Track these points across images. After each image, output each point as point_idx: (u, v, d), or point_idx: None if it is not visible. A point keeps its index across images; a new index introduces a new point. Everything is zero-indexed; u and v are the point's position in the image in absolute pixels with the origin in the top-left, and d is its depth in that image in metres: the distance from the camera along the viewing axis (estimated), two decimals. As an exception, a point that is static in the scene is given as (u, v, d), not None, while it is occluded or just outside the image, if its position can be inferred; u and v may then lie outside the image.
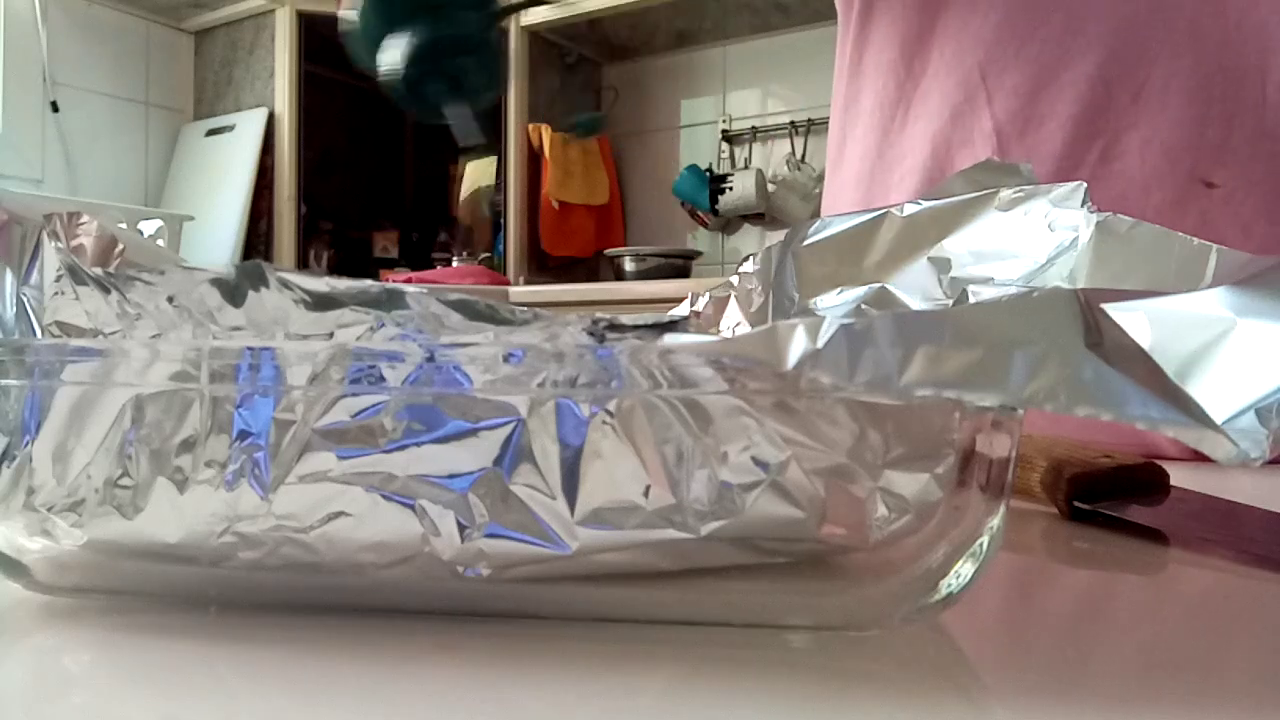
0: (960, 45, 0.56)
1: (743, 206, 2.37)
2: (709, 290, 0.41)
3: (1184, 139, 0.50)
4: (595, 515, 0.19)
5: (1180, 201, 0.50)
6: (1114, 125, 0.51)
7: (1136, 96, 0.51)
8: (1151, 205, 0.50)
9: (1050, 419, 0.48)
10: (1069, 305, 0.16)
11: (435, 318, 0.32)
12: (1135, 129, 0.51)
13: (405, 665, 0.19)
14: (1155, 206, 0.50)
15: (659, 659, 0.19)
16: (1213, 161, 0.50)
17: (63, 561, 0.22)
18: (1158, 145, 0.50)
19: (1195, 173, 0.50)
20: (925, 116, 0.58)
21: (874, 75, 0.61)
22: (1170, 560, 0.29)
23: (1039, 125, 0.53)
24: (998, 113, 0.54)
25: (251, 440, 0.20)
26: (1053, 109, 0.53)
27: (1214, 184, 0.49)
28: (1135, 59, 0.51)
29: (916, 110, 0.58)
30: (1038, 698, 0.18)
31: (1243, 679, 0.20)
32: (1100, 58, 0.51)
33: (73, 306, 0.28)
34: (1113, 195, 0.51)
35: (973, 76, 0.55)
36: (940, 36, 0.57)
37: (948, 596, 0.20)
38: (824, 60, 2.59)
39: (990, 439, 0.20)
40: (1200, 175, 0.50)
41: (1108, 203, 0.27)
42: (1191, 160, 0.50)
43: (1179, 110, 0.50)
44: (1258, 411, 0.15)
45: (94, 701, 0.18)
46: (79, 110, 2.26)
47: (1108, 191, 0.51)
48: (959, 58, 0.56)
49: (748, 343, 0.18)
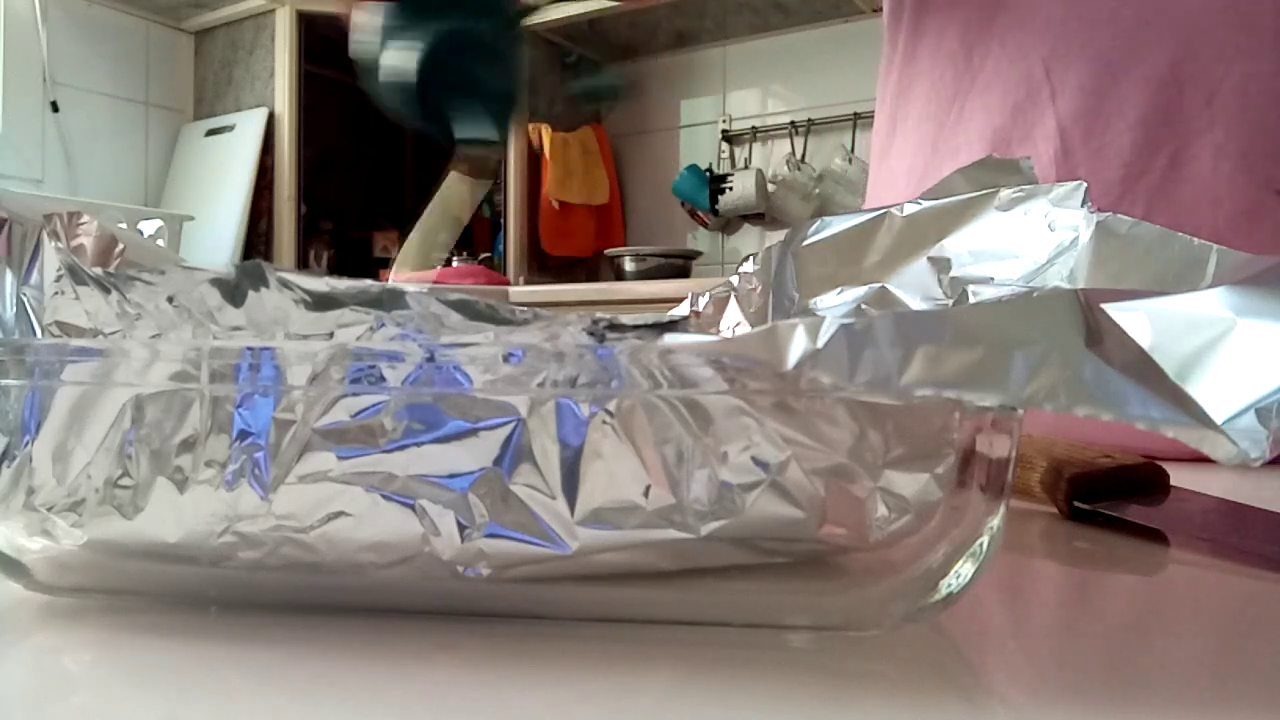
0: (1023, 36, 0.53)
1: (743, 206, 2.37)
2: (709, 290, 0.41)
3: (1261, 147, 0.47)
4: (595, 515, 0.19)
5: (1252, 212, 0.47)
6: (1186, 129, 0.49)
7: (1211, 99, 0.48)
8: (1223, 215, 0.48)
9: (1052, 419, 0.48)
10: (1069, 305, 0.16)
11: (435, 318, 0.32)
12: (1209, 134, 0.48)
13: (405, 665, 0.19)
14: (1226, 217, 0.48)
15: (659, 659, 0.19)
16: None
17: (63, 561, 0.22)
18: (1232, 152, 0.48)
19: (1271, 183, 0.47)
20: (984, 110, 0.55)
21: (930, 65, 0.59)
22: (1170, 560, 0.29)
23: (1105, 126, 0.50)
24: (1061, 111, 0.52)
25: (251, 440, 0.20)
26: (1120, 109, 0.50)
27: None
28: (1211, 58, 0.48)
29: (975, 104, 0.56)
30: (1037, 698, 0.18)
31: (1243, 679, 0.20)
32: (1173, 55, 0.49)
33: (73, 306, 0.28)
34: (1181, 204, 0.48)
35: (1036, 71, 0.52)
36: (1002, 26, 0.54)
37: (948, 596, 0.20)
38: (824, 60, 2.58)
39: (990, 439, 0.20)
40: (1276, 186, 0.47)
41: (1175, 211, 0.25)
42: (1268, 170, 0.47)
43: (1257, 115, 0.47)
44: (1258, 411, 0.15)
45: (94, 701, 0.18)
46: (79, 110, 2.26)
47: (1176, 200, 0.48)
48: (1022, 50, 0.53)
49: (748, 343, 0.18)
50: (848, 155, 2.27)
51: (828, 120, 2.31)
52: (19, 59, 2.12)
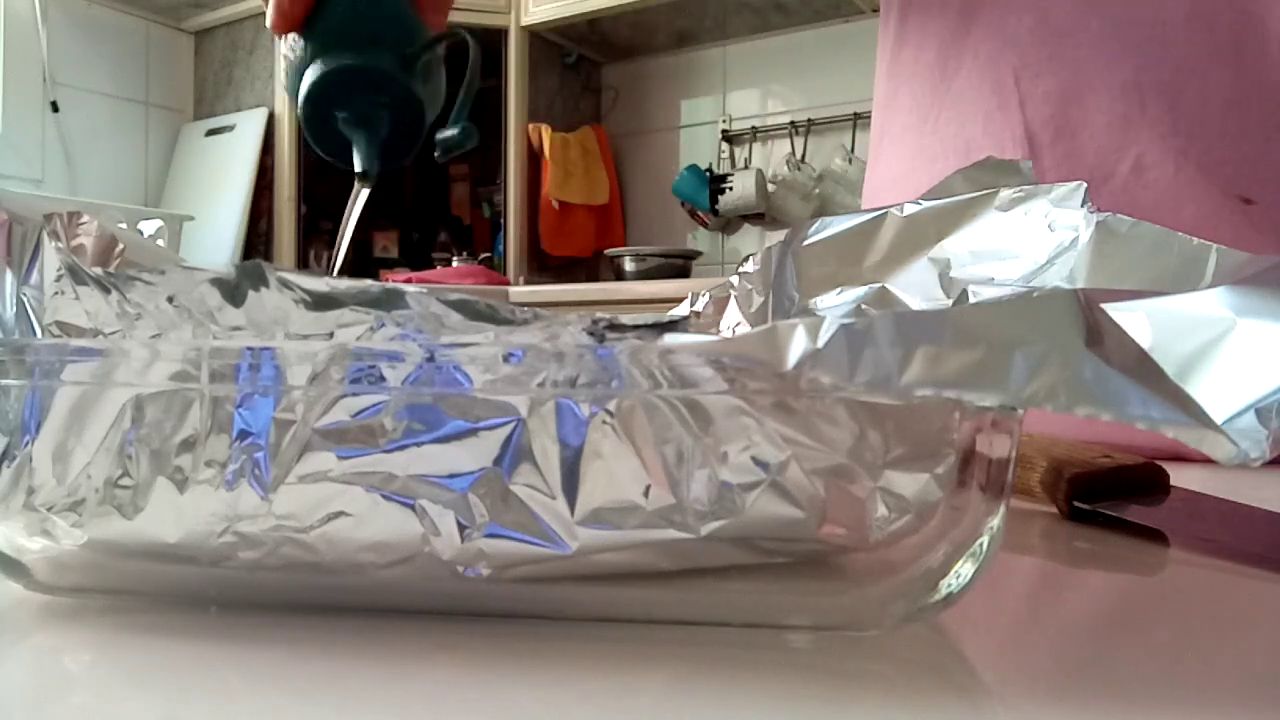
0: (995, 48, 0.55)
1: (743, 206, 2.37)
2: (709, 290, 0.41)
3: (1220, 153, 0.49)
4: (595, 515, 0.19)
5: (1214, 217, 0.49)
6: (1148, 135, 0.50)
7: (1173, 106, 0.49)
8: (1185, 220, 0.48)
9: (1053, 420, 0.48)
10: (1069, 305, 0.16)
11: (435, 318, 0.32)
12: (1171, 139, 0.49)
13: (405, 665, 0.19)
14: (1188, 222, 0.48)
15: (659, 659, 0.19)
16: (1249, 178, 0.48)
17: (63, 561, 0.22)
18: (1193, 158, 0.49)
19: (1231, 188, 0.48)
20: (958, 120, 0.57)
21: (911, 74, 0.60)
22: (1170, 560, 0.29)
23: (1072, 133, 0.52)
24: (1030, 118, 0.53)
25: (251, 440, 0.20)
26: (1086, 117, 0.51)
27: (1251, 200, 0.48)
28: (1173, 66, 0.49)
29: (950, 112, 0.58)
30: (1037, 698, 0.18)
31: (1243, 679, 0.20)
32: (1137, 63, 0.50)
33: (73, 306, 0.28)
34: (1144, 208, 0.48)
35: (1006, 80, 0.54)
36: (975, 38, 0.56)
37: (948, 596, 0.20)
38: (824, 60, 2.58)
39: (990, 439, 0.20)
40: (1236, 191, 0.48)
41: (1139, 216, 0.26)
42: (1227, 175, 0.48)
43: (1217, 122, 0.48)
44: (1258, 411, 0.15)
45: (94, 701, 0.18)
46: (79, 110, 2.26)
47: (1140, 205, 0.49)
48: (993, 61, 0.55)
49: (748, 343, 0.18)
50: (848, 155, 2.27)
51: (828, 120, 2.32)
52: (19, 59, 2.12)
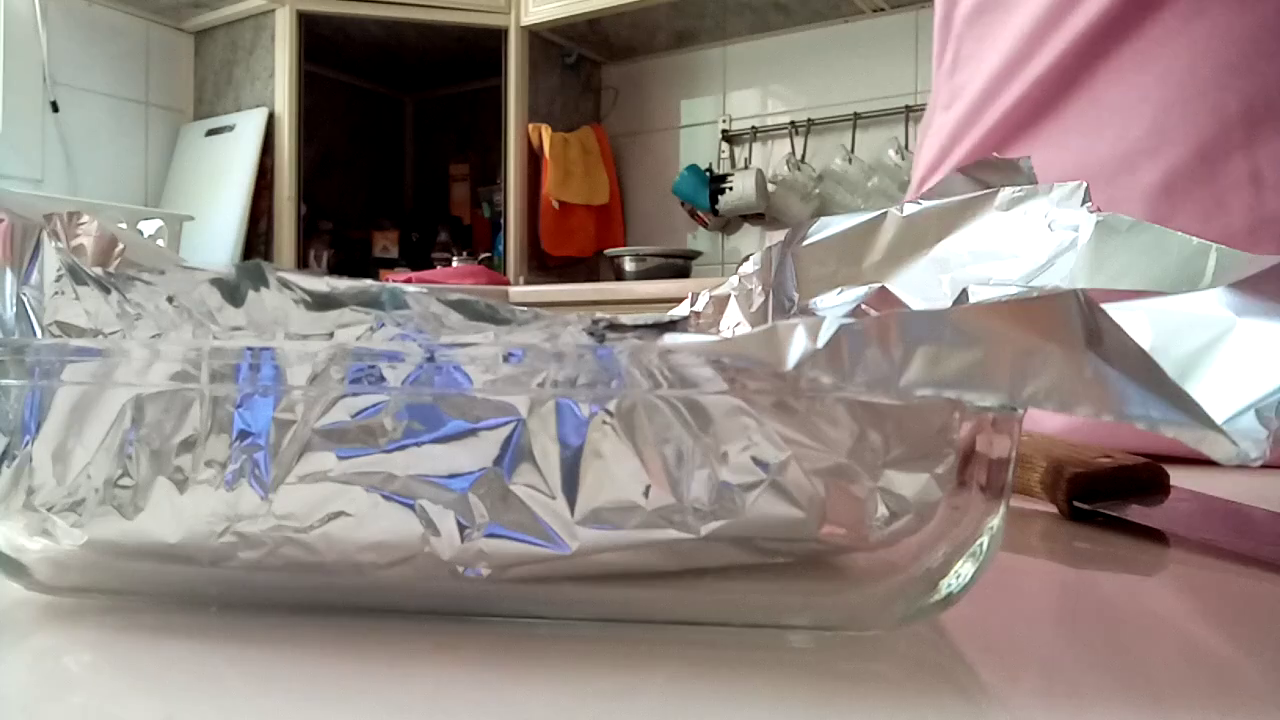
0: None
1: (743, 206, 2.37)
2: (709, 290, 0.41)
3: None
4: (595, 515, 0.19)
5: None
6: None
7: None
8: None
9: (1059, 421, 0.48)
10: (1069, 305, 0.16)
11: (435, 318, 0.32)
12: None
13: (405, 665, 0.19)
14: None
15: (659, 659, 0.19)
16: None
17: (63, 561, 0.22)
18: None
19: None
20: None
21: None
22: (1170, 560, 0.29)
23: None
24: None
25: (251, 440, 0.20)
26: None
27: None
28: None
29: None
30: (1037, 698, 0.18)
31: (1243, 679, 0.20)
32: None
33: (73, 306, 0.28)
34: None
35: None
36: None
37: (948, 596, 0.20)
38: (824, 60, 2.58)
39: (990, 439, 0.20)
40: None
41: None
42: None
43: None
44: (1258, 411, 0.15)
45: (94, 701, 0.18)
46: (79, 110, 2.26)
47: None
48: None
49: (748, 343, 0.18)
50: (848, 155, 2.27)
51: (828, 120, 2.32)
52: (19, 59, 2.12)
